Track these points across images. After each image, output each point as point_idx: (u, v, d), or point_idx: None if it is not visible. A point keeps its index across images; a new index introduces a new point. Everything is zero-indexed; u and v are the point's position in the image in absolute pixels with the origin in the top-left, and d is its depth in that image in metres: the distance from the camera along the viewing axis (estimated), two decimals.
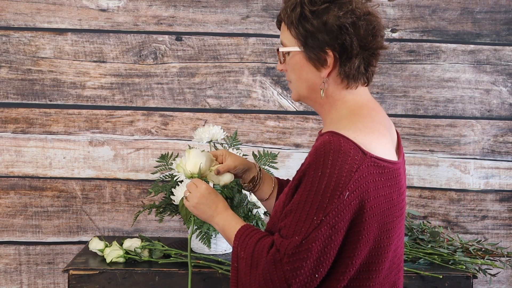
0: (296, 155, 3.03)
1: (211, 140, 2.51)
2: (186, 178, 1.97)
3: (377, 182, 1.64)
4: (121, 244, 2.50)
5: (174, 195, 2.23)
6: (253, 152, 2.69)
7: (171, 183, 2.66)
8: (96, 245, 2.54)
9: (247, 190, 2.05)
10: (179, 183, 2.63)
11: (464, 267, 2.51)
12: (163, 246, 2.52)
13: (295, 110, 3.04)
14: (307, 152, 3.04)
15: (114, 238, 2.83)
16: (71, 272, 2.40)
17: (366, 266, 1.68)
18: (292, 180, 1.70)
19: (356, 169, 1.60)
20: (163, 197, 2.63)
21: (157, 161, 2.79)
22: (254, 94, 3.04)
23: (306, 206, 1.60)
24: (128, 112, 3.02)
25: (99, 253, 2.54)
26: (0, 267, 3.01)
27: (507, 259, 2.66)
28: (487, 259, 2.61)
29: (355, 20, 1.69)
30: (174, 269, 2.42)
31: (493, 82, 3.08)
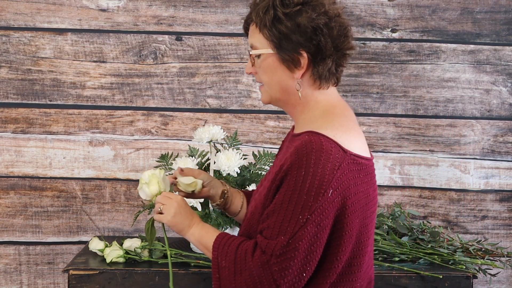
0: None
1: (211, 140, 2.51)
2: (153, 199, 1.94)
3: (356, 179, 1.69)
4: (121, 244, 2.50)
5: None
6: (253, 152, 2.69)
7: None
8: (96, 245, 2.54)
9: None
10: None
11: (464, 267, 2.51)
12: (163, 246, 2.52)
13: None
14: None
15: (114, 238, 2.83)
16: (71, 272, 2.40)
17: (350, 261, 1.71)
18: (271, 181, 1.70)
19: (338, 167, 1.64)
20: None
21: (157, 161, 2.79)
22: (254, 94, 3.04)
23: (290, 205, 1.62)
24: (128, 112, 3.02)
25: (99, 253, 2.54)
26: (0, 267, 3.01)
27: (507, 259, 2.66)
28: (487, 259, 2.61)
29: (327, 21, 1.72)
30: (174, 269, 2.41)
31: (493, 82, 3.09)
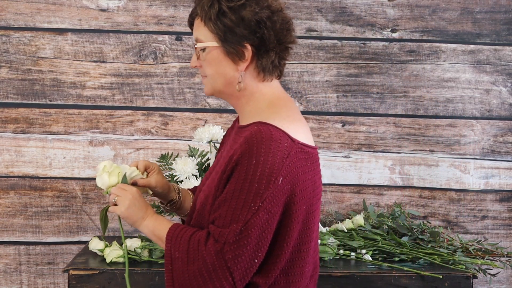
0: None
1: (211, 140, 2.51)
2: (108, 190, 1.93)
3: (304, 167, 1.73)
4: (121, 244, 2.50)
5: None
6: None
7: (171, 183, 2.66)
8: (96, 245, 2.54)
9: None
10: (179, 183, 2.64)
11: (464, 267, 2.51)
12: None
13: None
14: None
15: (114, 238, 2.83)
16: (71, 272, 2.40)
17: (297, 247, 1.76)
18: (221, 172, 1.73)
19: (286, 155, 1.68)
20: None
21: (157, 161, 2.79)
22: None
23: (242, 194, 1.66)
24: (128, 112, 3.02)
25: (99, 253, 2.54)
26: (0, 267, 3.01)
27: (507, 259, 2.67)
28: (487, 259, 2.62)
29: (270, 15, 1.76)
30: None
31: (493, 82, 3.09)
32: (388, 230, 2.72)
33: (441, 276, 2.43)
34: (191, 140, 2.94)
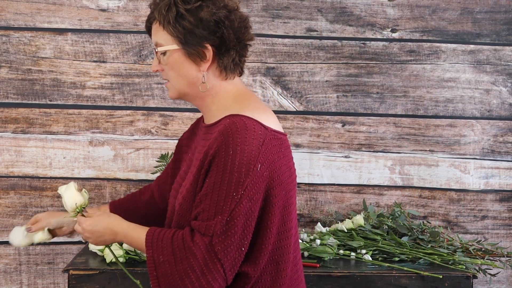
0: (296, 155, 3.03)
1: None
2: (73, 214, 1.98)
3: (279, 153, 1.77)
4: (121, 244, 2.50)
5: None
6: None
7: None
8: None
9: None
10: None
11: (464, 267, 2.51)
12: None
13: (295, 110, 3.04)
14: (308, 152, 3.05)
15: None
16: (71, 272, 2.40)
17: (281, 233, 1.78)
18: (198, 168, 1.75)
19: (262, 142, 1.72)
20: None
21: (157, 161, 2.80)
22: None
23: (223, 185, 1.68)
24: (128, 112, 3.02)
25: (99, 253, 2.54)
26: (0, 267, 3.01)
27: (507, 259, 2.67)
28: (487, 259, 2.62)
29: (228, 14, 1.80)
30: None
31: (493, 82, 3.09)
32: (388, 230, 2.72)
33: (441, 276, 2.43)
34: None
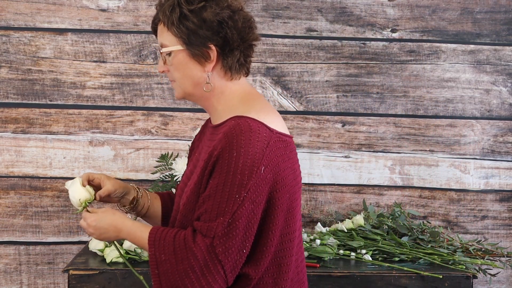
0: None
1: None
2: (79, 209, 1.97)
3: (283, 155, 1.77)
4: (121, 244, 2.50)
5: None
6: None
7: (171, 183, 2.66)
8: (96, 245, 2.54)
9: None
10: (179, 182, 2.64)
11: (464, 267, 2.51)
12: None
13: (295, 110, 3.04)
14: (308, 152, 3.05)
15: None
16: (71, 272, 2.40)
17: (284, 236, 1.78)
18: (202, 168, 1.76)
19: (266, 145, 1.72)
20: None
21: (157, 161, 2.80)
22: None
23: (226, 187, 1.68)
24: (128, 112, 3.02)
25: (99, 253, 2.54)
26: (0, 267, 3.01)
27: (507, 259, 2.67)
28: (487, 259, 2.62)
29: (231, 14, 1.79)
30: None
31: (493, 82, 3.09)
32: (388, 230, 2.72)
33: (441, 276, 2.43)
34: (191, 140, 2.94)
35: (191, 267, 1.68)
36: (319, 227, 2.73)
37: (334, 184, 3.07)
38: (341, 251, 2.59)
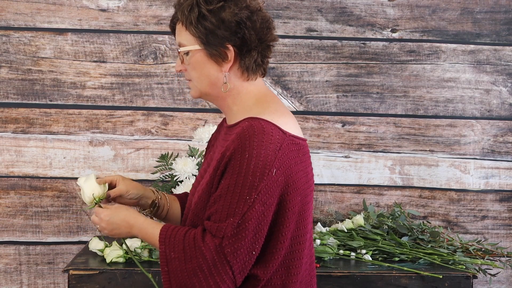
0: None
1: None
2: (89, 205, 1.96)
3: (296, 158, 1.77)
4: (121, 244, 2.50)
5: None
6: None
7: (171, 183, 2.66)
8: (96, 245, 2.54)
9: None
10: (179, 183, 2.64)
11: (464, 267, 2.51)
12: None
13: (295, 110, 3.04)
14: None
15: (114, 238, 2.82)
16: (71, 272, 2.40)
17: (295, 238, 1.78)
18: (215, 168, 1.76)
19: (279, 147, 1.72)
20: None
21: (157, 161, 2.80)
22: None
23: (237, 188, 1.68)
24: (128, 112, 3.02)
25: (99, 253, 2.54)
26: (0, 267, 3.01)
27: (507, 259, 2.67)
28: (487, 259, 2.62)
29: (250, 15, 1.79)
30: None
31: (493, 82, 3.09)
32: (388, 230, 2.72)
33: (441, 276, 2.43)
34: (191, 140, 2.94)
35: (200, 266, 1.68)
36: (319, 227, 2.73)
37: (334, 184, 3.07)
38: (341, 251, 2.59)
